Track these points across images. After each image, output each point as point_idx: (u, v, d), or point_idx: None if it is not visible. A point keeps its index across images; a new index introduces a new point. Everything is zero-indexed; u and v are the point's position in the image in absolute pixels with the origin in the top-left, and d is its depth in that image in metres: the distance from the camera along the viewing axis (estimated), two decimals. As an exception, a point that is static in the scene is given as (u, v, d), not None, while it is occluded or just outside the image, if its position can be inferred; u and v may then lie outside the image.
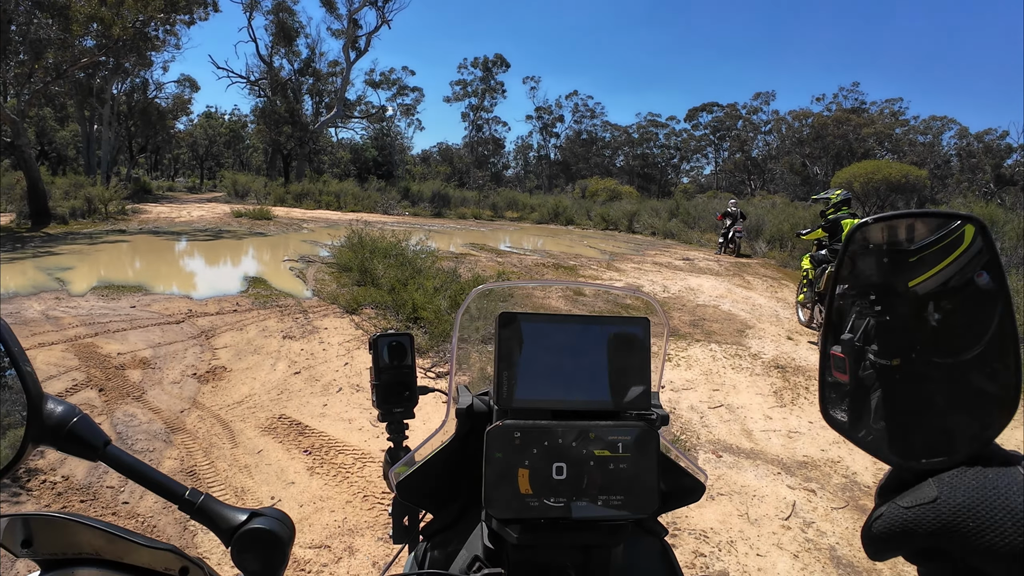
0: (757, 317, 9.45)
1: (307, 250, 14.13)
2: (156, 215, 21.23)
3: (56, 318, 7.41)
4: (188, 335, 6.94)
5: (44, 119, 43.56)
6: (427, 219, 27.23)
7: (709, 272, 14.08)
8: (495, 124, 62.38)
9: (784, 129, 56.05)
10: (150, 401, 5.09)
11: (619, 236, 24.43)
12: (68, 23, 18.67)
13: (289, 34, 39.04)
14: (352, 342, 6.81)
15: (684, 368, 6.64)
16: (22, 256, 12.06)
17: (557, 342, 0.91)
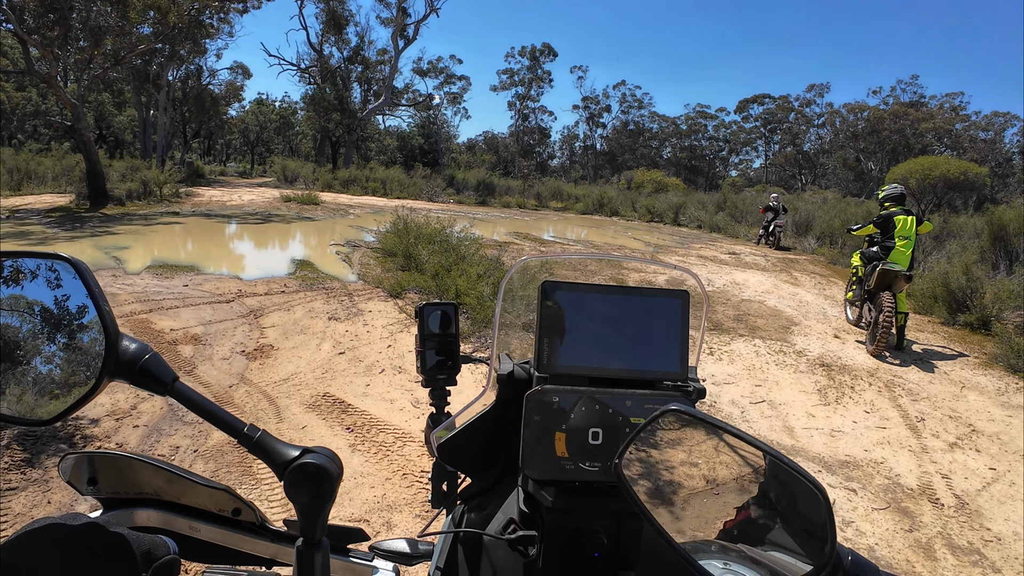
0: (803, 314, 9.27)
1: (353, 235, 14.34)
2: (208, 198, 21.76)
3: (113, 295, 7.68)
4: (238, 314, 7.13)
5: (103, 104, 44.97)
6: (471, 207, 27.33)
7: (755, 267, 13.85)
8: (541, 113, 62.21)
9: (838, 123, 54.59)
10: (200, 376, 5.25)
11: (664, 229, 24.18)
12: (126, 11, 19.20)
13: (339, 22, 39.48)
14: (395, 325, 6.91)
15: (727, 362, 6.58)
16: (81, 235, 12.50)
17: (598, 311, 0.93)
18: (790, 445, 4.66)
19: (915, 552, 3.43)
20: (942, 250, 13.77)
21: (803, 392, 5.85)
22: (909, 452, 4.70)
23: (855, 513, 3.76)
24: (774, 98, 62.18)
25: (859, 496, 3.97)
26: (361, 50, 41.67)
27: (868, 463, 4.47)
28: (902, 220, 7.85)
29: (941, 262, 12.36)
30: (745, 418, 5.09)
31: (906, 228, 7.79)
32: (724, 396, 5.56)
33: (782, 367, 6.56)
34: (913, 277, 7.73)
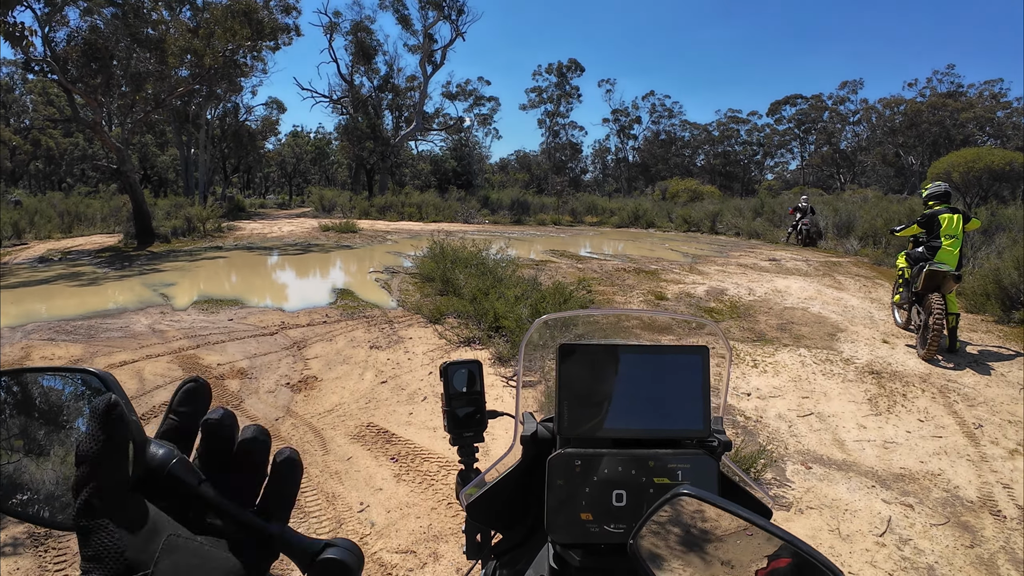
0: (849, 319, 9.06)
1: (391, 261, 14.52)
2: (250, 231, 22.27)
3: (161, 331, 7.90)
4: (281, 346, 7.26)
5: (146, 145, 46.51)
6: (507, 227, 27.43)
7: (797, 273, 13.60)
8: (572, 129, 62.22)
9: (874, 118, 53.42)
10: (248, 410, 5.36)
11: (702, 238, 23.93)
12: (164, 56, 19.91)
13: (368, 52, 40.24)
14: (436, 351, 6.96)
15: (771, 374, 6.45)
16: (130, 274, 12.91)
17: (617, 372, 0.94)
18: (841, 459, 4.55)
19: (977, 569, 3.31)
20: (992, 245, 13.33)
21: (853, 402, 5.70)
22: (967, 462, 4.55)
23: (912, 530, 3.64)
24: (806, 98, 61.23)
25: (916, 512, 3.85)
26: (391, 78, 42.38)
27: (924, 475, 4.34)
28: (947, 218, 7.59)
29: (991, 257, 11.97)
30: (793, 433, 4.99)
31: (952, 226, 7.52)
32: (770, 410, 5.45)
33: (829, 377, 6.41)
34: (962, 277, 7.46)
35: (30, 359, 6.86)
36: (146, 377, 6.17)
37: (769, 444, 4.73)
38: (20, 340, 7.68)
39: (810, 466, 4.43)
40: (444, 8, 39.51)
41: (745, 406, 5.50)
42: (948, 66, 59.42)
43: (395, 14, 41.22)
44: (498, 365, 6.40)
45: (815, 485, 4.16)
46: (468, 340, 7.24)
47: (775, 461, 4.45)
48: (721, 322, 8.69)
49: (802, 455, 4.60)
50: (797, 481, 4.21)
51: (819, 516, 3.77)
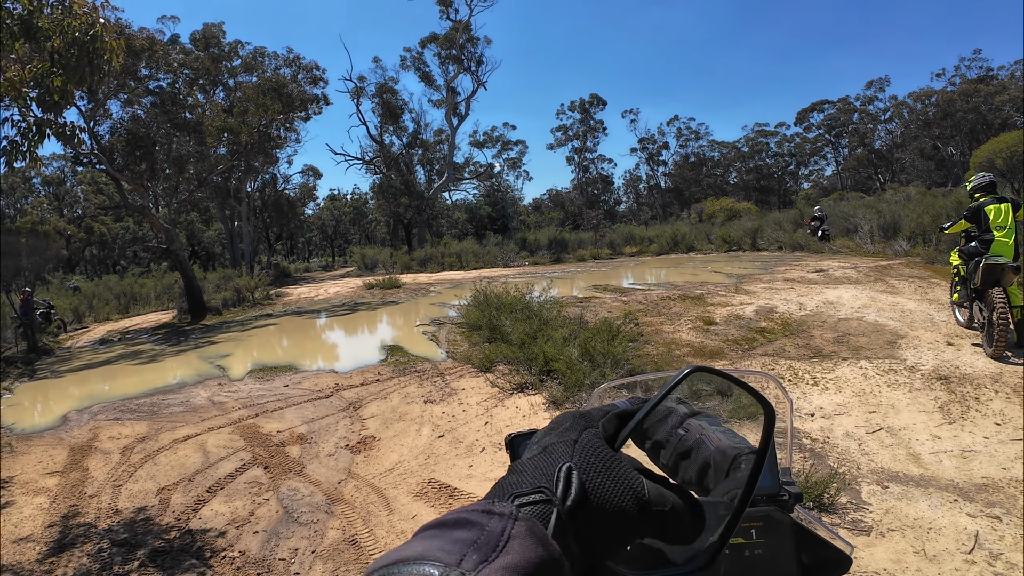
0: (909, 324, 8.78)
1: (437, 312, 14.65)
2: (297, 296, 22.77)
3: (221, 403, 8.08)
4: (337, 408, 7.36)
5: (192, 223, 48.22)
6: (547, 266, 27.51)
7: (848, 281, 13.28)
8: (601, 162, 62.55)
9: (906, 114, 52.39)
10: (310, 474, 5.42)
11: (744, 256, 23.62)
12: (203, 137, 20.82)
13: (394, 112, 41.31)
14: (489, 401, 6.96)
15: (833, 391, 6.27)
16: (186, 348, 13.29)
17: None
18: (918, 475, 4.38)
19: (1081, 580, 3.13)
20: None
21: (923, 412, 5.50)
22: None
23: (1002, 543, 3.47)
24: (833, 102, 60.47)
25: (1004, 523, 3.67)
26: (419, 134, 43.35)
27: (1009, 482, 4.15)
28: (994, 209, 7.44)
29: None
30: (864, 451, 4.82)
31: (1001, 217, 7.36)
32: (837, 429, 5.29)
33: (895, 387, 6.20)
34: (1021, 268, 7.19)
35: (98, 440, 7.08)
36: (210, 450, 6.30)
37: (840, 466, 4.58)
38: (87, 422, 7.96)
39: (886, 485, 4.27)
40: (463, 61, 40.48)
41: (810, 427, 5.36)
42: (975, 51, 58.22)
43: (417, 72, 42.41)
44: (552, 409, 6.37)
45: (894, 505, 4.01)
46: (520, 386, 7.24)
47: (848, 483, 4.31)
48: (775, 341, 8.52)
49: (876, 474, 4.45)
50: (874, 502, 4.06)
51: (902, 538, 3.62)
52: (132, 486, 5.62)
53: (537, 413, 6.32)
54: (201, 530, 4.67)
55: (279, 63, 33.21)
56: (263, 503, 4.98)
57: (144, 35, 20.21)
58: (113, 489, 5.58)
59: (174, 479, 5.66)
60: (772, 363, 7.39)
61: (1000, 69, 50.66)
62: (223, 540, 4.50)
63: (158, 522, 4.85)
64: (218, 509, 4.97)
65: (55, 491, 5.71)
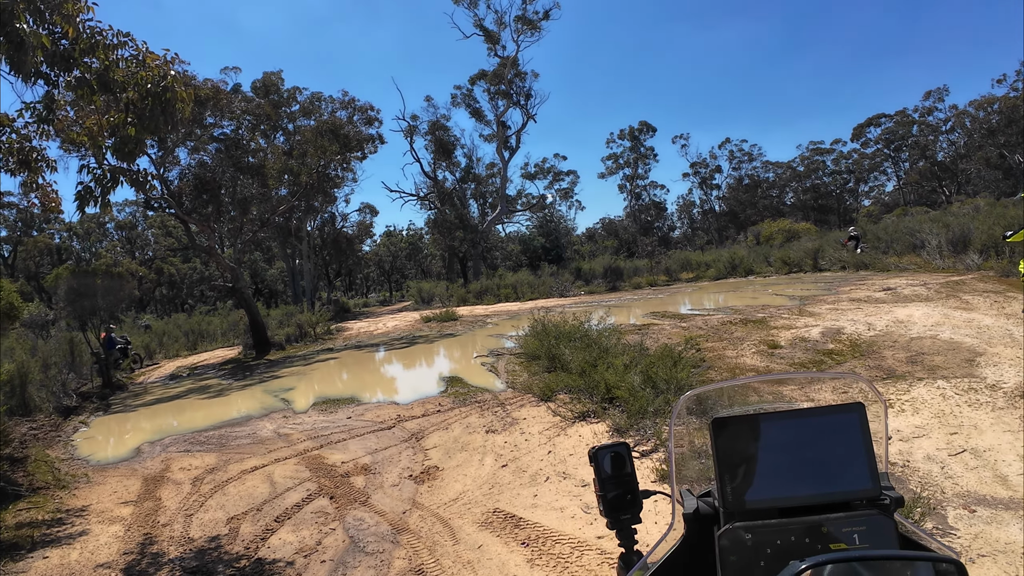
0: (986, 341, 8.34)
1: (494, 344, 14.67)
2: (357, 331, 23.14)
3: (286, 435, 8.22)
4: (400, 439, 7.39)
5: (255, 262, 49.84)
6: (603, 295, 27.33)
7: (917, 299, 12.77)
8: (653, 189, 62.29)
9: (968, 123, 50.55)
10: (375, 505, 5.44)
11: (805, 277, 23.00)
12: (265, 179, 21.61)
13: (447, 148, 42.09)
14: (551, 430, 6.89)
15: (910, 413, 5.99)
16: (251, 382, 13.62)
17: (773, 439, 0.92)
18: (1007, 497, 4.12)
19: None
20: None
21: (1009, 432, 5.19)
22: None
23: (1114, 569, 3.22)
24: (890, 116, 58.76)
25: (1113, 548, 3.41)
26: (471, 168, 44.01)
27: (1111, 505, 3.86)
28: None
29: None
30: (947, 474, 4.57)
31: None
32: (916, 452, 5.04)
33: (976, 407, 5.88)
34: None
35: (169, 471, 7.28)
36: (276, 480, 6.40)
37: (923, 490, 4.35)
38: (159, 453, 8.19)
39: (973, 509, 4.03)
40: (512, 96, 41.07)
41: (888, 451, 5.11)
42: (1036, 52, 55.85)
43: (467, 108, 43.23)
44: (616, 436, 6.26)
45: (983, 529, 3.77)
46: (583, 415, 7.15)
47: (933, 508, 4.08)
48: (844, 363, 8.22)
49: (962, 497, 4.20)
50: (962, 527, 3.83)
51: (994, 564, 3.40)
52: (203, 515, 5.74)
53: (600, 441, 6.22)
54: (270, 559, 4.72)
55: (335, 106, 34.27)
56: (330, 533, 5.01)
57: (209, 85, 21.19)
58: (185, 518, 5.71)
59: (243, 509, 5.75)
60: (843, 386, 7.12)
61: None
62: (291, 569, 4.54)
63: (228, 551, 4.93)
64: (286, 538, 5.03)
65: (129, 520, 5.87)
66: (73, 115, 9.56)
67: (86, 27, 5.01)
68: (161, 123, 5.92)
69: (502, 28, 40.14)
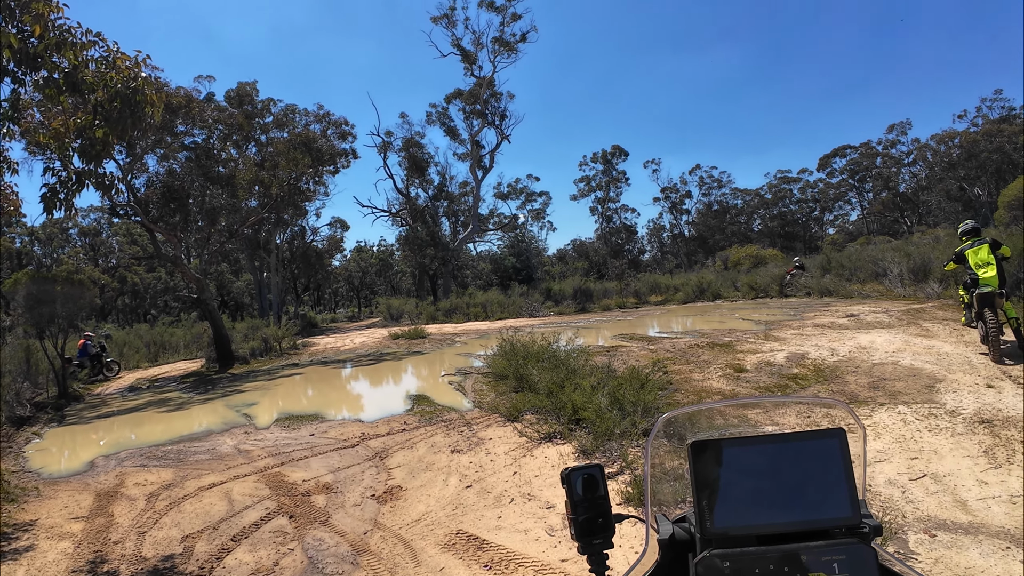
0: (946, 367, 8.53)
1: (462, 362, 14.59)
2: (323, 346, 22.86)
3: (247, 451, 8.05)
4: (364, 457, 7.28)
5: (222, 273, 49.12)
6: (572, 316, 27.40)
7: (880, 326, 13.03)
8: (624, 212, 62.98)
9: (930, 156, 52.28)
10: (335, 524, 5.33)
11: (771, 303, 23.33)
12: (235, 190, 21.37)
13: (420, 165, 42.10)
14: (517, 450, 6.85)
15: (872, 437, 6.07)
16: (213, 396, 13.33)
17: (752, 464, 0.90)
18: (967, 522, 4.18)
19: None
20: None
21: (968, 457, 5.28)
22: None
23: (1067, 598, 3.27)
24: (855, 147, 60.53)
25: (1066, 576, 3.47)
26: (444, 187, 44.04)
27: (1065, 531, 3.94)
28: (973, 252, 9.41)
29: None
30: (908, 499, 4.63)
31: (978, 257, 9.31)
32: (878, 477, 5.10)
33: (936, 432, 5.99)
34: (1006, 293, 9.13)
35: (124, 486, 7.07)
36: (235, 498, 6.25)
37: (885, 514, 4.39)
38: (114, 468, 7.96)
39: (934, 533, 4.08)
40: (487, 116, 41.32)
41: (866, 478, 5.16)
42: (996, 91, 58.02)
43: (442, 127, 43.36)
44: (582, 458, 6.24)
45: (944, 554, 3.82)
46: (549, 436, 7.12)
47: (895, 533, 4.13)
48: (808, 388, 8.32)
49: (923, 522, 4.26)
50: (923, 552, 3.87)
51: (955, 591, 3.43)
52: (157, 533, 5.57)
53: (567, 463, 6.19)
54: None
55: (309, 119, 34.13)
56: (288, 553, 4.89)
57: (181, 93, 20.97)
58: (138, 536, 5.54)
59: (199, 527, 5.60)
60: (807, 411, 7.20)
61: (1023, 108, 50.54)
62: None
63: (182, 570, 4.78)
64: (242, 558, 4.89)
65: (80, 536, 5.67)
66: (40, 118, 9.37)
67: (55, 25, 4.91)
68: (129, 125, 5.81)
69: (479, 48, 40.49)
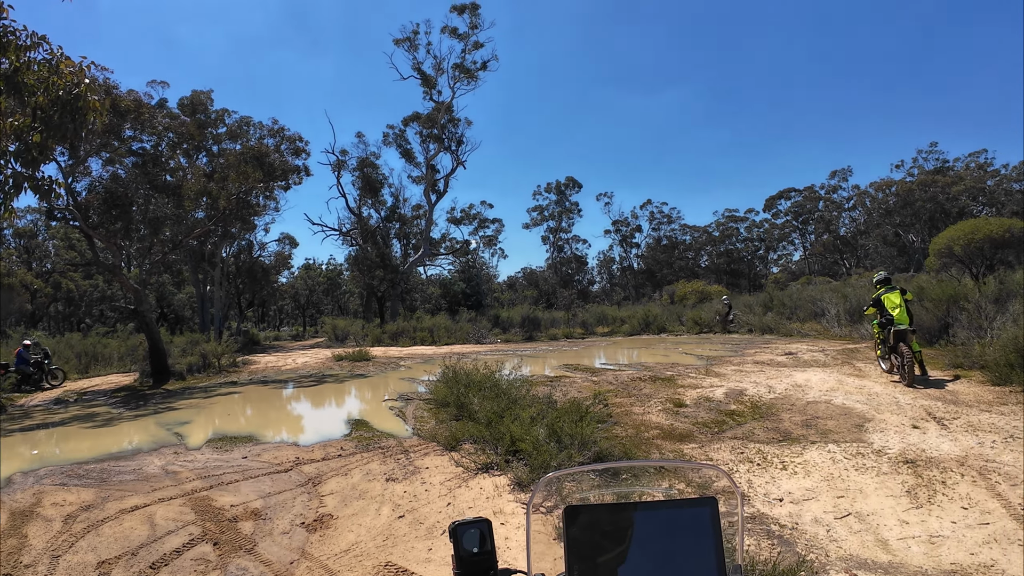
0: (875, 407, 8.87)
1: (405, 388, 14.45)
2: (264, 365, 22.35)
3: (174, 472, 7.78)
4: (296, 483, 7.11)
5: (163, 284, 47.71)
6: (519, 344, 27.44)
7: (816, 364, 13.45)
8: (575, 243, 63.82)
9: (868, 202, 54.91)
10: (261, 553, 5.18)
11: (714, 338, 23.83)
12: (181, 200, 20.85)
13: (374, 186, 41.95)
14: (453, 480, 6.79)
15: (802, 475, 6.23)
16: (144, 413, 12.87)
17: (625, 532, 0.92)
18: (887, 561, 4.30)
19: None
20: (1005, 313, 13.10)
21: (891, 496, 5.45)
22: (1020, 547, 4.30)
23: (971, 644, 3.39)
24: (799, 190, 63.02)
25: (972, 621, 3.60)
26: (397, 208, 43.94)
27: (977, 568, 4.09)
28: (887, 297, 11.26)
29: (1007, 326, 11.85)
30: (833, 537, 4.75)
31: (892, 301, 11.15)
32: (806, 515, 5.21)
33: (863, 472, 6.18)
34: (916, 329, 11.41)
35: (40, 505, 6.74)
36: (157, 522, 6.02)
37: (809, 552, 4.49)
38: (32, 485, 7.59)
39: (855, 573, 4.19)
40: (444, 140, 41.51)
41: (779, 513, 5.28)
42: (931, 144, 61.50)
43: (398, 149, 43.40)
44: (517, 491, 6.23)
45: (862, 597, 3.92)
46: (486, 466, 7.09)
47: (817, 572, 4.22)
48: (744, 424, 8.51)
49: (845, 561, 4.37)
50: (842, 595, 3.97)
51: (869, 635, 3.52)
52: (71, 557, 5.32)
53: (501, 495, 6.17)
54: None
55: (264, 132, 33.74)
56: (208, 582, 4.73)
57: (131, 97, 20.50)
58: (51, 559, 5.28)
59: (117, 552, 5.37)
60: (741, 446, 7.35)
61: (956, 161, 53.87)
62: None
63: (95, 599, 4.57)
64: (161, 587, 4.71)
65: (-12, 561, 5.38)
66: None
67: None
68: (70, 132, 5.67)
69: (440, 74, 40.74)
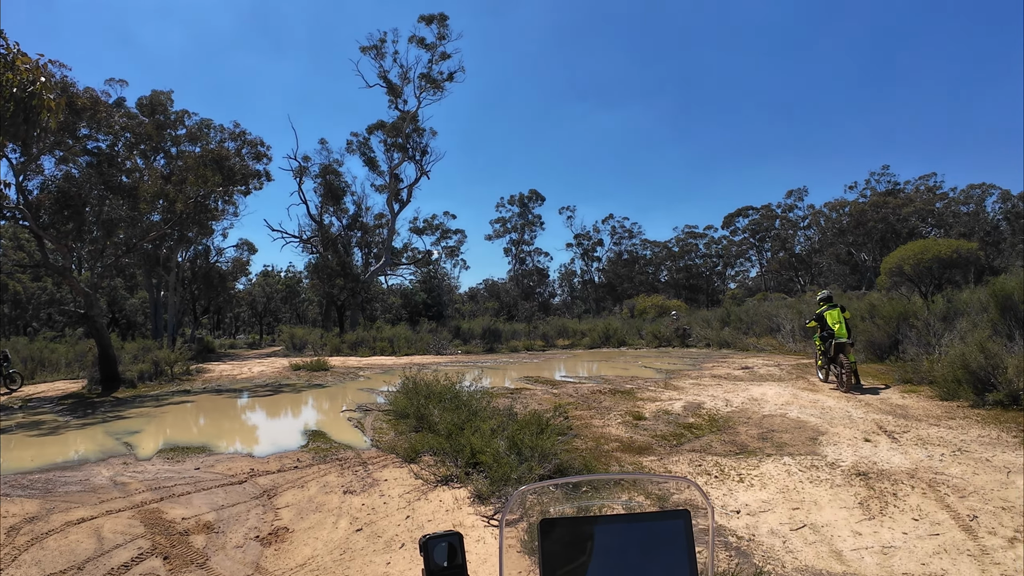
0: (829, 421, 9.11)
1: (364, 398, 14.29)
2: (219, 373, 21.89)
3: (123, 484, 7.56)
4: (251, 495, 6.97)
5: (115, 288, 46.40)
6: (480, 356, 27.39)
7: (771, 379, 13.73)
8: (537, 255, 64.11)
9: (823, 222, 56.62)
10: (213, 568, 5.06)
11: (673, 352, 24.13)
12: (137, 202, 20.35)
13: (336, 193, 41.55)
14: (412, 493, 6.74)
15: (758, 488, 6.33)
16: (92, 421, 12.48)
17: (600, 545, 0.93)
18: (840, 572, 4.38)
19: None
20: (953, 331, 13.55)
21: (844, 508, 5.58)
22: (969, 557, 4.43)
23: (918, 657, 3.48)
24: (757, 208, 64.48)
25: (920, 635, 3.70)
26: (359, 217, 43.56)
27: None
28: (830, 314, 12.39)
29: (955, 343, 12.24)
30: (788, 548, 4.83)
31: (834, 318, 12.24)
32: (762, 526, 5.30)
33: (817, 484, 6.31)
34: (854, 342, 12.63)
35: (-19, 521, 6.48)
36: (105, 535, 5.84)
37: (765, 564, 4.56)
38: (-28, 500, 7.29)
39: (810, 585, 4.27)
40: (408, 150, 41.36)
41: (735, 525, 5.36)
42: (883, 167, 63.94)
43: (362, 157, 43.07)
44: (477, 504, 6.20)
45: (815, 610, 3.99)
46: (446, 479, 7.05)
47: (771, 586, 4.29)
48: (702, 437, 8.63)
49: (800, 572, 4.44)
50: (795, 609, 4.04)
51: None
52: (14, 571, 5.12)
53: (461, 508, 6.14)
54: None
55: (224, 136, 33.22)
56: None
57: (88, 95, 19.97)
58: (-10, 577, 5.08)
59: (62, 566, 5.19)
60: (699, 459, 7.45)
61: (906, 183, 56.06)
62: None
63: (37, 616, 4.41)
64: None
65: (-79, 577, 5.15)
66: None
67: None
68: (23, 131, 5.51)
69: (406, 83, 40.65)
